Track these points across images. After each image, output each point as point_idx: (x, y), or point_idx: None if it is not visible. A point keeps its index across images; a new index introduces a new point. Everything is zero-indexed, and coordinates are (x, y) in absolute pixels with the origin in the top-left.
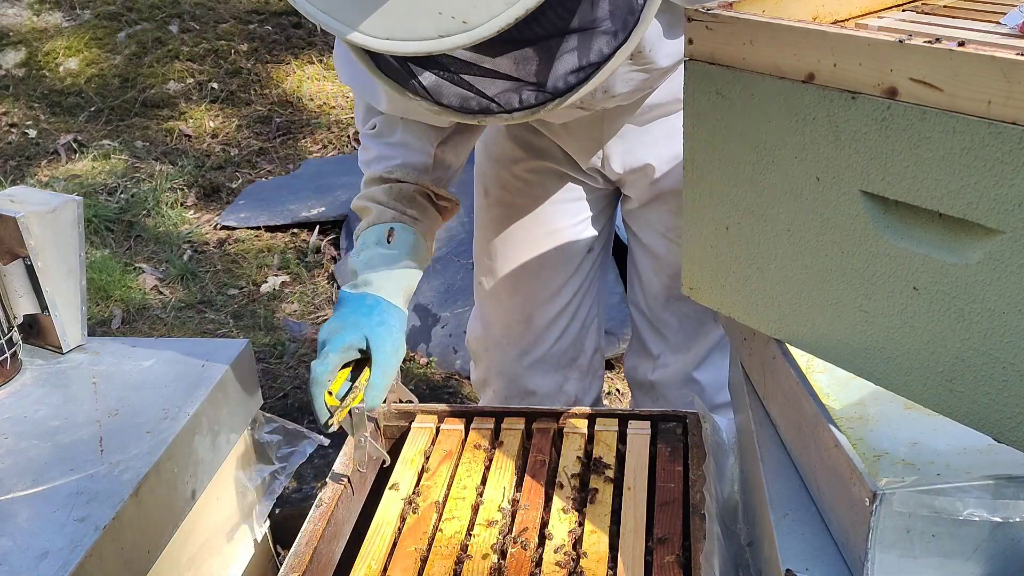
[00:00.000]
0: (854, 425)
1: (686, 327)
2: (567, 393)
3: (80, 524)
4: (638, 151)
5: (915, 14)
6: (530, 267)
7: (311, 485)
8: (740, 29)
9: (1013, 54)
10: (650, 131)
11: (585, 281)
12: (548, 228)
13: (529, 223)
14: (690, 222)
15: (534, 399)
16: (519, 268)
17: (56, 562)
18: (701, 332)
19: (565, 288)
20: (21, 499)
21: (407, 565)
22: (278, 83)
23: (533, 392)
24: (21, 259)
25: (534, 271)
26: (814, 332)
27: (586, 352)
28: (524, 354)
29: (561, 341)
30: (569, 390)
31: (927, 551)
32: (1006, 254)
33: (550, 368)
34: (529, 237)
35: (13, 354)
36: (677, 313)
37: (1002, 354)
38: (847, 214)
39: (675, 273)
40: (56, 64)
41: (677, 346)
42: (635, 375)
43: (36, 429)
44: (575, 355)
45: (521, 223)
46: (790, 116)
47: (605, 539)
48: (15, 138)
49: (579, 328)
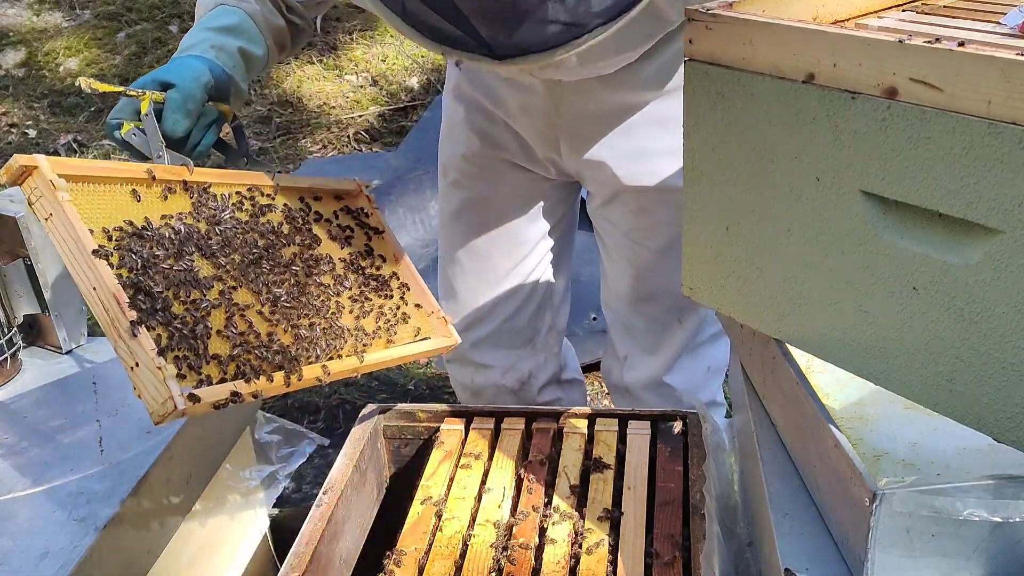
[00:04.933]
0: (854, 425)
1: (653, 328)
2: (519, 370)
3: (80, 524)
4: (592, 143)
5: (915, 14)
6: (478, 248)
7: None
8: (740, 29)
9: (1013, 54)
10: (605, 124)
11: (539, 266)
12: (499, 213)
13: (481, 207)
14: (690, 222)
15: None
16: (468, 248)
17: (56, 562)
18: (667, 334)
19: (514, 272)
20: (21, 499)
21: (407, 565)
22: (278, 83)
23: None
24: (21, 259)
25: (483, 253)
26: (814, 332)
27: (540, 332)
28: (467, 331)
29: (511, 322)
30: (522, 367)
31: (927, 551)
32: (1006, 254)
33: (500, 346)
34: (479, 220)
35: (13, 354)
36: (643, 314)
37: (1002, 354)
38: (847, 214)
39: (639, 274)
40: (56, 64)
41: (645, 347)
42: (610, 378)
43: (36, 429)
44: (530, 335)
45: (474, 207)
46: (790, 116)
47: (605, 539)
48: (15, 138)
49: (532, 309)
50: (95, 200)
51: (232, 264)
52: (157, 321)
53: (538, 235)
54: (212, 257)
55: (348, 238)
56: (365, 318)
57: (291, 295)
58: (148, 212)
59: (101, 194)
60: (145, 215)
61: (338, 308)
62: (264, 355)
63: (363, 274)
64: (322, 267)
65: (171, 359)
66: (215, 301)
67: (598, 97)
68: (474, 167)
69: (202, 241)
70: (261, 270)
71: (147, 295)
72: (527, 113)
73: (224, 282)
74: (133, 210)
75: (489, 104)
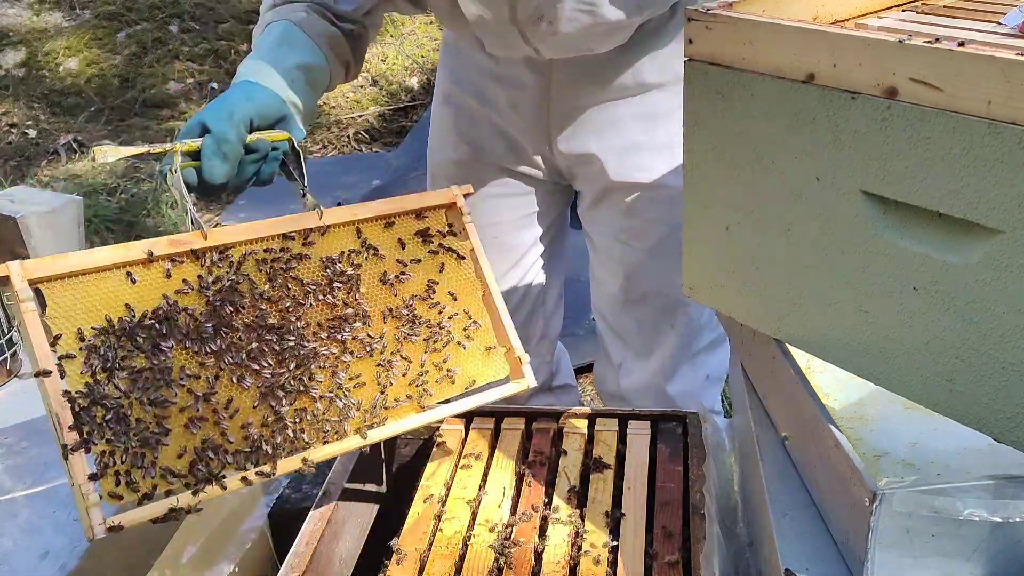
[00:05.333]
0: (854, 425)
1: (645, 330)
2: None
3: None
4: (583, 136)
5: (915, 14)
6: None
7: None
8: (740, 29)
9: (1013, 54)
10: (595, 117)
11: (529, 273)
12: (490, 220)
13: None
14: (690, 222)
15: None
16: None
17: (56, 562)
18: (659, 337)
19: (503, 279)
20: (21, 499)
21: (407, 565)
22: None
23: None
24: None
25: None
26: (814, 332)
27: (530, 341)
28: None
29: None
30: None
31: (927, 551)
32: (1006, 254)
33: None
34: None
35: (13, 354)
36: (635, 317)
37: (1002, 354)
38: (847, 214)
39: (630, 275)
40: (56, 64)
41: (639, 351)
42: (604, 386)
43: (36, 429)
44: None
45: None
46: (790, 116)
47: (605, 539)
48: (15, 138)
49: (522, 319)
50: (81, 295)
51: (224, 347)
52: (105, 436)
53: (529, 241)
54: (199, 344)
55: (401, 275)
56: (391, 384)
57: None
58: (145, 294)
59: (89, 285)
60: (130, 303)
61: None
62: (224, 459)
63: (412, 322)
64: (347, 329)
65: (111, 474)
66: (183, 402)
67: (589, 91)
68: (464, 172)
69: (190, 326)
70: (259, 348)
71: (100, 405)
72: (517, 109)
73: (204, 372)
74: (126, 295)
75: (479, 106)
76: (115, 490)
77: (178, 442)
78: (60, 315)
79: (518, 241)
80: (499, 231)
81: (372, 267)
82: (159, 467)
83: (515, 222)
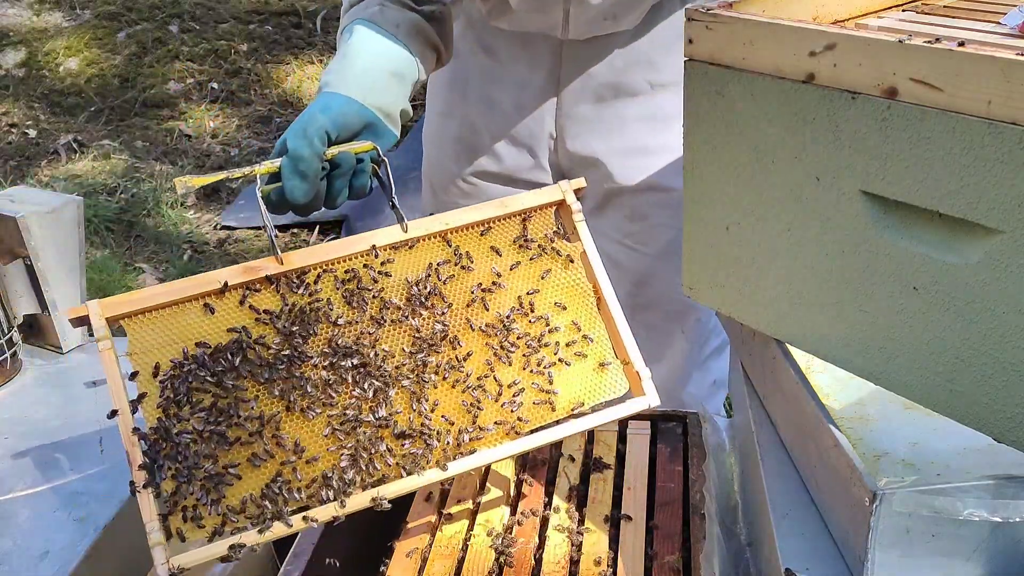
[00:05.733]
0: (854, 425)
1: (654, 336)
2: None
3: (80, 524)
4: (589, 137)
5: (915, 14)
6: None
7: None
8: (740, 29)
9: (1013, 54)
10: (603, 117)
11: None
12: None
13: None
14: (690, 222)
15: None
16: None
17: (56, 562)
18: (669, 342)
19: None
20: (21, 499)
21: (407, 565)
22: (278, 83)
23: None
24: (21, 259)
25: None
26: (814, 332)
27: None
28: None
29: None
30: None
31: (927, 551)
32: (1006, 254)
33: None
34: None
35: (13, 354)
36: (644, 323)
37: (1002, 354)
38: (847, 214)
39: (637, 280)
40: (56, 64)
41: (648, 358)
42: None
43: (36, 429)
44: None
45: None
46: (790, 116)
47: (605, 539)
48: (15, 138)
49: None
50: (159, 327)
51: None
52: (173, 471)
53: None
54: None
55: (494, 284)
56: (482, 411)
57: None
58: (220, 325)
59: (167, 318)
60: (205, 335)
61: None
62: (291, 495)
63: (507, 339)
64: (433, 351)
65: (178, 512)
66: (251, 437)
67: (596, 90)
68: (466, 184)
69: (262, 358)
70: (335, 377)
71: (171, 441)
72: (522, 111)
73: (273, 406)
74: (202, 327)
75: (484, 112)
76: (182, 527)
77: (247, 478)
78: (138, 350)
79: None
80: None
81: (464, 280)
82: (225, 504)
83: None
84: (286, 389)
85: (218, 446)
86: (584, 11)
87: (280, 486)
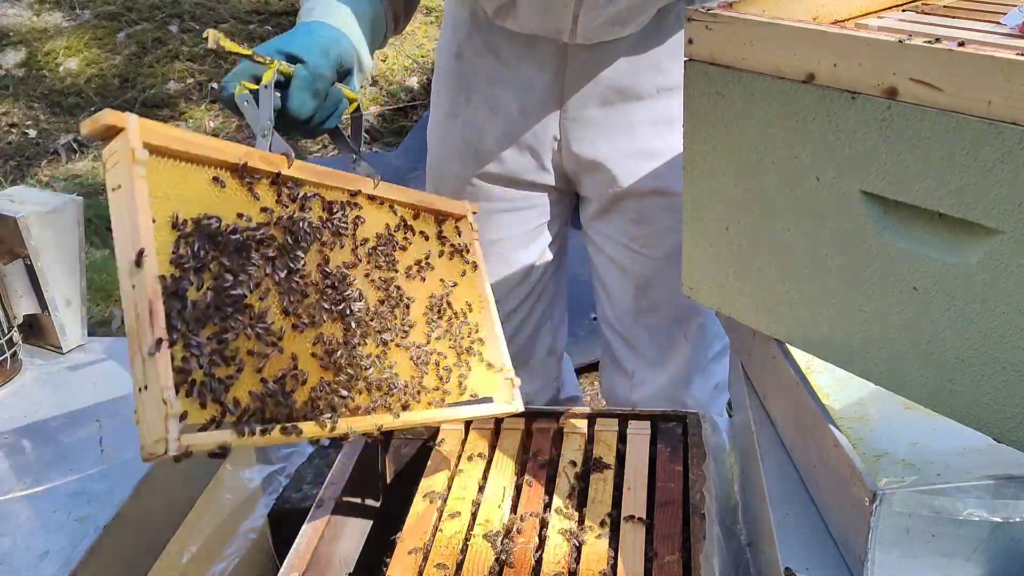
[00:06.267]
0: (854, 425)
1: (658, 340)
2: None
3: (80, 524)
4: (595, 139)
5: (915, 14)
6: None
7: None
8: (740, 29)
9: (1013, 54)
10: (609, 120)
11: (536, 288)
12: (497, 236)
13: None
14: (690, 222)
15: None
16: None
17: (56, 562)
18: (673, 345)
19: (510, 296)
20: (21, 499)
21: (407, 565)
22: None
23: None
24: (21, 259)
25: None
26: (814, 332)
27: (536, 355)
28: None
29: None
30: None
31: (927, 551)
32: (1006, 254)
33: None
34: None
35: (13, 354)
36: (648, 326)
37: (1002, 354)
38: (847, 214)
39: (642, 284)
40: (56, 64)
41: (651, 361)
42: (613, 396)
43: (36, 429)
44: (525, 359)
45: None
46: (790, 116)
47: (605, 539)
48: (15, 138)
49: (529, 334)
50: (173, 178)
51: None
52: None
53: (536, 255)
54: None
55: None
56: (426, 373)
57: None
58: (225, 205)
59: (180, 172)
60: (219, 210)
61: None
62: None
63: (441, 318)
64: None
65: (184, 388)
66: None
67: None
68: (471, 187)
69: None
70: (328, 303)
71: (185, 305)
72: (528, 114)
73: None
74: (210, 199)
75: (489, 115)
76: (185, 404)
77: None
78: (159, 195)
79: (525, 256)
80: (505, 247)
81: (409, 251)
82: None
83: (522, 236)
84: (283, 293)
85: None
86: (594, 17)
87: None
